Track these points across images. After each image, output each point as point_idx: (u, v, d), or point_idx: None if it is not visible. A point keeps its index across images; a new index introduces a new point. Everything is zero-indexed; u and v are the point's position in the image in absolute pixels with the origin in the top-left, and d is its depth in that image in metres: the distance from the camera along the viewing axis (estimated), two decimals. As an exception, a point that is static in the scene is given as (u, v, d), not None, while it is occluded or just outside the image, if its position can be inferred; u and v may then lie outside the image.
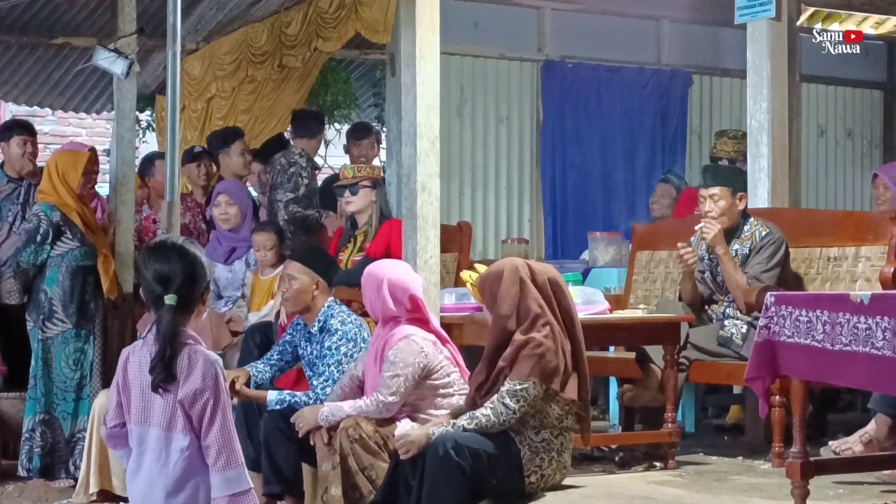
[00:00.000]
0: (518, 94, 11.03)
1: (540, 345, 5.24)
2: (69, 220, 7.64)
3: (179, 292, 4.18)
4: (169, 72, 6.88)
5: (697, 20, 11.24)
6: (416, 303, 5.92)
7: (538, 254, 10.67)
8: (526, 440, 5.28)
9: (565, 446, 5.37)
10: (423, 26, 6.61)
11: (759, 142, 7.62)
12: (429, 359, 5.79)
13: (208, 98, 10.17)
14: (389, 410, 5.75)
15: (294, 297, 6.38)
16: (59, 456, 7.56)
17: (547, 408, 5.29)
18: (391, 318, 5.91)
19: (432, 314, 6.08)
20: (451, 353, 5.93)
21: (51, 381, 7.59)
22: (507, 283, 5.36)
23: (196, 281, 4.25)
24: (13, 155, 8.40)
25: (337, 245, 7.85)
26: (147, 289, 4.24)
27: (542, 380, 5.21)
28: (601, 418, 8.24)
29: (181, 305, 4.21)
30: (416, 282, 6.01)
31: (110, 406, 4.36)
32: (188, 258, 4.25)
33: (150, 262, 4.27)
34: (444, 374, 5.83)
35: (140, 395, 4.23)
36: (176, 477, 4.16)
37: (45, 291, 7.60)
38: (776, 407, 5.95)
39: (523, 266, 5.44)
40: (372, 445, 5.67)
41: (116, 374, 4.33)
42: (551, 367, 5.24)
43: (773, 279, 6.51)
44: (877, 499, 5.10)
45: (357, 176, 7.71)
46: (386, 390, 5.74)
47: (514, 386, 5.22)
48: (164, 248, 4.33)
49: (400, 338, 5.81)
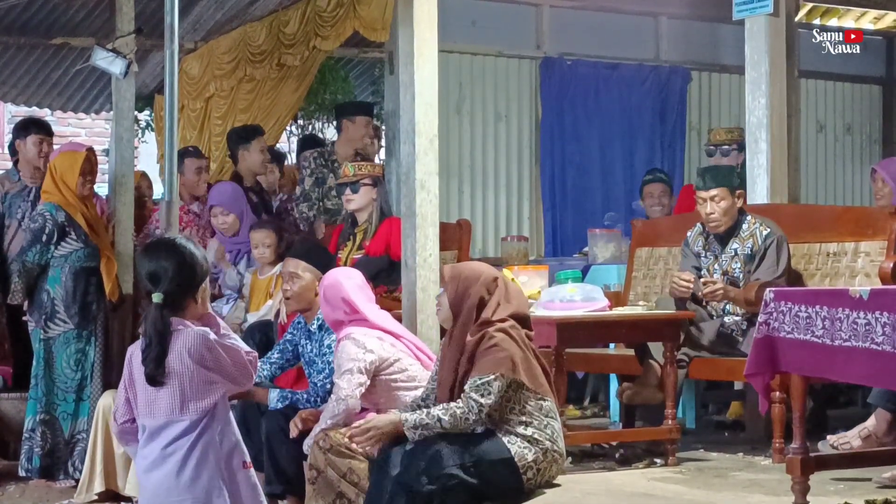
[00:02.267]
0: (517, 91, 11.02)
1: (493, 337, 5.27)
2: (74, 221, 7.65)
3: (166, 290, 4.26)
4: (167, 71, 6.87)
5: (696, 16, 11.24)
6: (350, 305, 6.00)
7: (538, 251, 10.68)
8: (515, 439, 5.28)
9: (556, 435, 5.37)
10: (422, 24, 6.62)
11: (758, 138, 7.61)
12: (376, 353, 5.85)
13: (207, 97, 10.17)
14: (352, 410, 5.78)
15: (297, 295, 6.38)
16: (58, 457, 7.56)
17: (524, 401, 5.30)
18: (338, 324, 6.01)
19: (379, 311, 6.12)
20: (408, 345, 5.96)
21: (52, 381, 7.59)
22: (479, 286, 5.39)
23: (185, 278, 4.34)
24: (29, 154, 8.40)
25: (337, 243, 7.85)
26: (142, 286, 4.38)
27: (504, 372, 5.22)
28: (601, 415, 8.25)
29: (168, 303, 4.29)
30: (347, 284, 6.06)
31: (119, 403, 4.43)
32: (178, 256, 4.34)
33: (142, 260, 4.41)
34: (400, 368, 5.86)
35: (144, 389, 4.32)
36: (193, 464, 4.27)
37: (47, 291, 7.61)
38: (776, 403, 5.95)
39: (501, 278, 5.48)
40: (344, 450, 5.70)
41: (124, 371, 4.39)
42: (511, 359, 5.25)
43: (785, 282, 6.51)
44: (877, 494, 5.10)
45: (358, 174, 7.71)
46: (338, 390, 5.80)
47: (476, 381, 5.24)
48: (156, 246, 4.44)
49: (340, 339, 5.94)
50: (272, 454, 6.11)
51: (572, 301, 6.18)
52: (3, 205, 8.36)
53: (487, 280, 5.43)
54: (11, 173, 8.55)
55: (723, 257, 6.74)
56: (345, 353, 5.84)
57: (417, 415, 5.31)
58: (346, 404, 5.77)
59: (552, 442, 5.33)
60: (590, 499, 5.36)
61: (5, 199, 8.36)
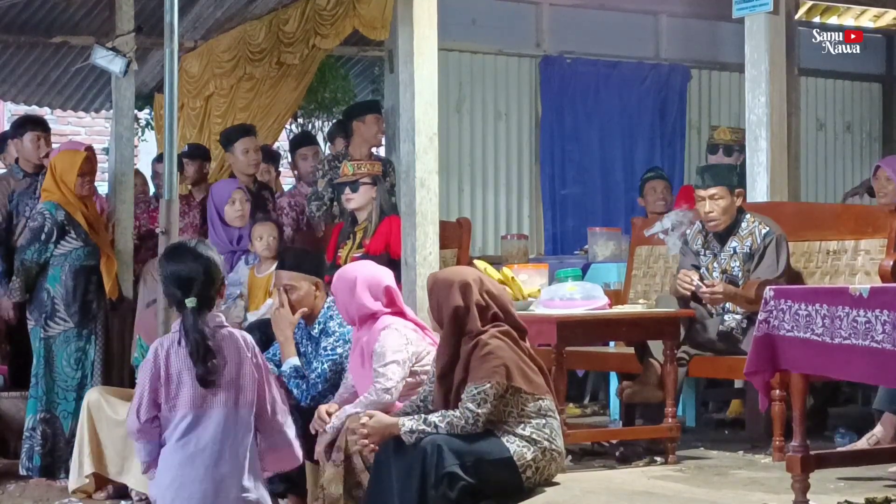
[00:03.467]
0: (516, 89, 11.02)
1: (487, 345, 5.28)
2: (73, 220, 7.65)
3: (199, 294, 4.48)
4: (166, 70, 6.86)
5: (695, 14, 11.24)
6: (391, 295, 5.98)
7: (538, 249, 10.68)
8: (514, 438, 5.29)
9: (554, 434, 5.38)
10: (421, 23, 6.62)
11: (757, 136, 7.61)
12: (415, 345, 5.84)
13: (207, 96, 10.16)
14: (390, 399, 5.74)
15: (299, 304, 6.38)
16: (59, 455, 7.56)
17: (522, 404, 5.31)
18: (368, 316, 5.94)
19: (407, 306, 6.12)
20: (433, 340, 5.96)
21: (52, 380, 7.59)
22: (455, 296, 5.40)
23: (213, 280, 4.63)
24: (27, 150, 8.40)
25: (336, 241, 7.86)
26: (167, 292, 4.57)
27: (499, 380, 5.23)
28: (601, 413, 8.25)
29: (201, 305, 4.57)
30: (387, 274, 6.06)
31: (143, 401, 4.60)
32: (202, 260, 4.55)
33: (168, 266, 4.58)
34: (429, 361, 5.85)
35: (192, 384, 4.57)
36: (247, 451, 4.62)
37: (47, 290, 7.61)
38: (776, 401, 5.96)
39: (475, 280, 5.47)
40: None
41: (149, 369, 4.61)
42: (505, 365, 5.25)
43: (785, 281, 6.51)
44: (877, 492, 5.10)
45: (358, 173, 7.71)
46: (383, 380, 5.74)
47: (472, 390, 5.25)
48: (180, 251, 4.62)
49: (381, 329, 5.86)
50: (273, 452, 6.11)
51: (572, 299, 6.18)
52: (10, 203, 8.36)
53: (461, 287, 5.42)
54: (15, 170, 8.54)
55: (722, 256, 6.74)
56: (388, 344, 5.79)
57: (414, 421, 5.31)
58: (389, 396, 5.73)
59: (550, 441, 5.34)
60: (590, 497, 5.36)
61: (13, 198, 8.36)
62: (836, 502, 4.99)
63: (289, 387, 6.21)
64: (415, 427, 5.27)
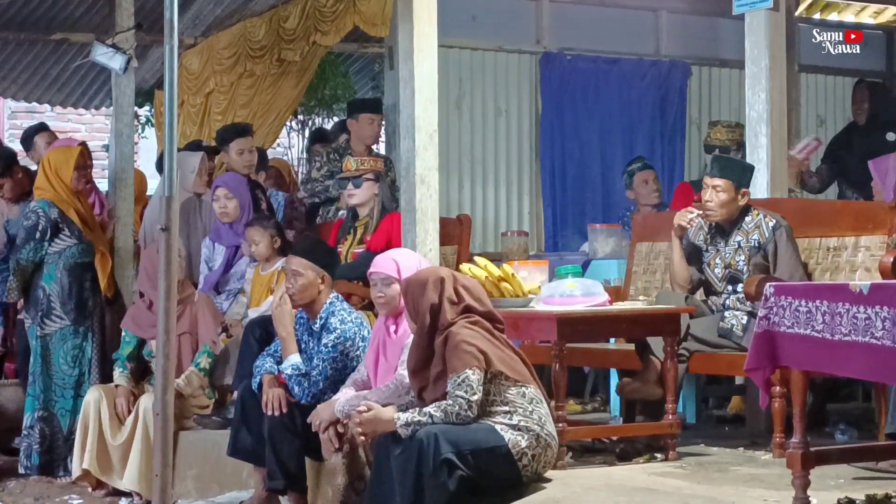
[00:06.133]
0: (517, 86, 11.01)
1: (457, 335, 5.32)
2: (67, 217, 7.65)
3: None
4: (166, 66, 6.83)
5: (696, 11, 11.23)
6: None
7: (538, 246, 10.67)
8: (505, 428, 5.30)
9: (545, 420, 5.39)
10: (421, 19, 6.62)
11: (758, 132, 7.61)
12: None
13: (207, 93, 10.17)
14: (407, 393, 5.74)
15: (300, 293, 6.35)
16: (57, 453, 7.57)
17: (503, 391, 5.34)
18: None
19: None
20: None
21: (49, 377, 7.60)
22: (430, 293, 5.43)
23: None
24: (41, 155, 8.41)
25: (336, 236, 7.85)
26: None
27: (477, 364, 5.26)
28: (602, 410, 8.25)
29: None
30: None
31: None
32: None
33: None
34: None
35: None
36: None
37: (43, 288, 7.61)
38: (776, 397, 5.96)
39: (448, 275, 5.51)
40: None
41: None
42: (480, 349, 5.28)
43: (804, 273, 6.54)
44: (877, 489, 5.10)
45: (360, 169, 7.71)
46: (406, 381, 5.72)
47: (455, 380, 5.28)
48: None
49: None
50: (275, 450, 6.11)
51: (572, 296, 6.17)
52: None
53: (434, 284, 5.46)
54: None
55: (726, 250, 6.73)
56: None
57: (410, 413, 5.34)
58: (405, 392, 5.74)
59: (541, 426, 5.36)
60: (590, 493, 5.36)
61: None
62: (836, 499, 4.99)
63: (290, 385, 6.21)
64: (410, 419, 5.30)
